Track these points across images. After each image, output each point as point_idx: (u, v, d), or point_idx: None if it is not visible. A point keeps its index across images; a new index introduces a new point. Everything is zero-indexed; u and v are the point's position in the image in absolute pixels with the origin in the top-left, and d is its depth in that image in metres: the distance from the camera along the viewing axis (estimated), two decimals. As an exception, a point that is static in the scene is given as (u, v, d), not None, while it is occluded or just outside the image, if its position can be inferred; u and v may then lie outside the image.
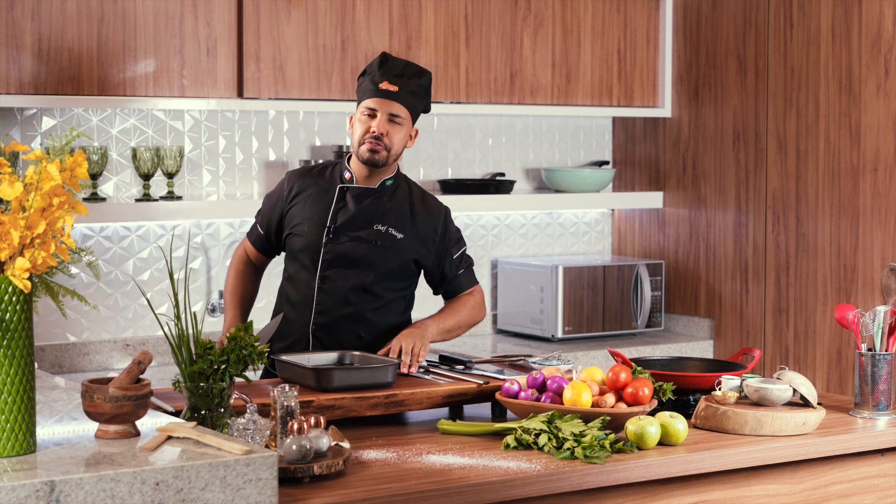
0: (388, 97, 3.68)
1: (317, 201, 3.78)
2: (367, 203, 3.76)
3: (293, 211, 3.80)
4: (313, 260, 3.74)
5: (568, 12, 5.35)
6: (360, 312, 3.74)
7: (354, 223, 3.74)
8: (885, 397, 3.38)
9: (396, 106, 3.69)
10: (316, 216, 3.76)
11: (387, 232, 3.74)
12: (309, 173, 3.85)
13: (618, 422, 3.07)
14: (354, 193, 3.76)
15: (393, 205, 3.77)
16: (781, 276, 5.20)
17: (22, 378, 2.39)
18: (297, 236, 3.78)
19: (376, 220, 3.75)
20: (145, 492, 2.29)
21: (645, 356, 4.06)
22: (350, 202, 3.76)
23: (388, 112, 3.68)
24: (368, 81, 3.72)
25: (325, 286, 3.73)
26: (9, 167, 2.38)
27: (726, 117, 5.38)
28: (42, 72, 4.32)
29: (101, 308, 4.71)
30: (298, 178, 3.85)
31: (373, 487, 2.65)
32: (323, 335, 3.74)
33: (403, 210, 3.78)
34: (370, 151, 3.68)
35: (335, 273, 3.73)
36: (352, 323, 3.74)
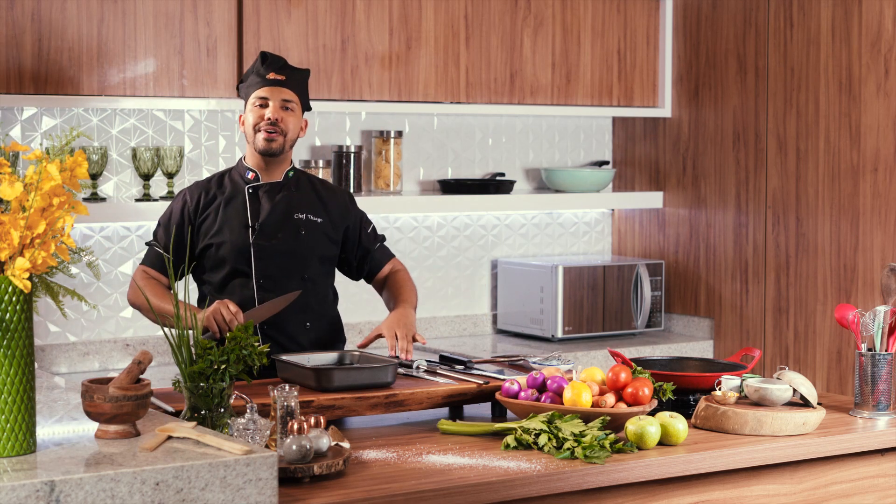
0: (278, 84, 3.74)
1: (229, 206, 3.78)
2: (280, 196, 3.79)
3: (207, 222, 3.78)
4: (245, 262, 3.74)
5: (568, 12, 5.35)
6: (305, 302, 3.75)
7: (275, 217, 3.77)
8: (885, 397, 3.38)
9: (287, 92, 3.74)
10: (234, 219, 3.76)
11: (307, 219, 3.78)
12: (208, 184, 3.84)
13: (618, 422, 3.07)
14: (264, 189, 3.79)
15: (302, 193, 3.82)
16: (781, 276, 5.20)
17: (22, 378, 2.39)
18: (221, 244, 3.75)
19: (293, 209, 3.79)
20: (145, 492, 2.29)
21: (645, 356, 4.06)
22: (263, 199, 3.79)
23: (280, 98, 3.73)
24: (254, 76, 3.77)
25: (266, 283, 3.73)
26: (9, 167, 2.38)
27: (726, 117, 5.38)
28: (42, 72, 4.32)
29: (101, 308, 4.71)
30: (198, 190, 3.82)
31: (373, 487, 2.65)
32: (274, 332, 3.73)
33: (311, 196, 3.83)
34: (266, 140, 3.72)
35: (273, 269, 3.74)
36: (298, 314, 3.75)
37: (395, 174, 5.14)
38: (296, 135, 3.77)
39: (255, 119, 3.73)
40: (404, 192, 5.26)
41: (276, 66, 3.76)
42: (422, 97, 5.02)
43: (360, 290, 5.21)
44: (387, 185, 5.14)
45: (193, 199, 3.80)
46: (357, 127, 5.21)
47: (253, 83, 3.76)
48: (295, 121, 3.76)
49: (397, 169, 5.15)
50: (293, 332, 3.75)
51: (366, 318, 5.20)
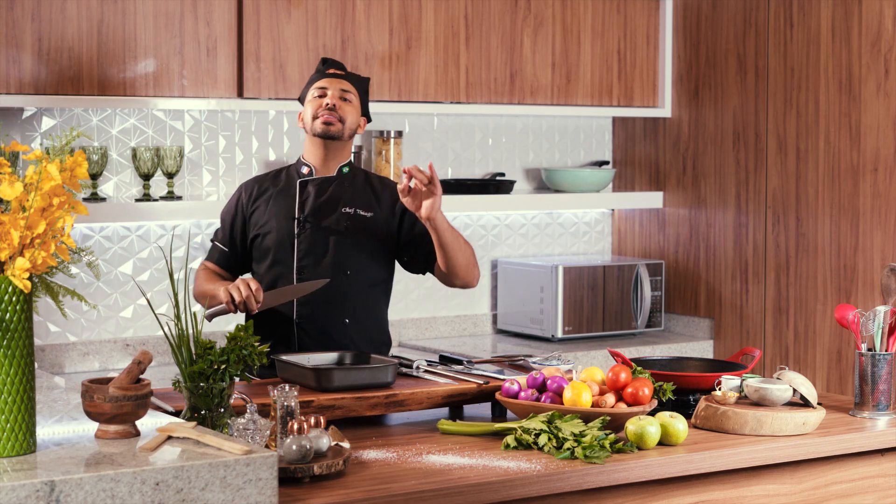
0: (337, 77, 3.80)
1: (279, 199, 3.83)
2: (330, 190, 3.81)
3: (256, 214, 3.84)
4: (287, 253, 3.77)
5: (568, 12, 5.35)
6: (342, 296, 3.75)
7: (322, 210, 3.79)
8: (885, 397, 3.38)
9: (345, 83, 3.80)
10: (282, 211, 3.80)
11: (355, 213, 3.79)
12: (265, 178, 3.91)
13: (618, 422, 3.07)
14: (315, 183, 3.82)
15: (354, 188, 3.83)
16: (781, 276, 5.20)
17: (22, 378, 2.39)
18: (267, 234, 3.80)
19: (342, 203, 3.80)
20: (145, 492, 2.29)
21: (645, 356, 4.06)
22: (313, 192, 3.81)
23: (339, 88, 3.78)
24: (314, 75, 3.85)
25: (304, 276, 3.75)
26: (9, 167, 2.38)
27: (726, 117, 5.38)
28: (42, 72, 4.32)
29: (101, 308, 4.71)
30: (254, 183, 3.90)
31: (373, 487, 2.65)
32: (308, 326, 3.75)
33: (365, 191, 3.84)
34: (325, 123, 3.75)
35: (312, 261, 3.76)
36: (335, 308, 3.75)
37: (395, 174, 5.14)
38: (355, 126, 3.80)
39: (314, 107, 3.77)
40: (404, 192, 5.26)
41: (336, 65, 3.84)
42: (422, 97, 5.02)
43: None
44: (387, 185, 5.14)
45: (248, 192, 3.88)
46: (357, 127, 5.21)
47: (312, 80, 3.83)
48: (353, 111, 3.79)
49: (397, 169, 5.15)
50: (330, 328, 3.75)
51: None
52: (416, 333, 5.34)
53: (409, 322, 5.31)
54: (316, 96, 3.78)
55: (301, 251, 3.76)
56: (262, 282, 3.79)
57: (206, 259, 3.93)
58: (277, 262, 3.78)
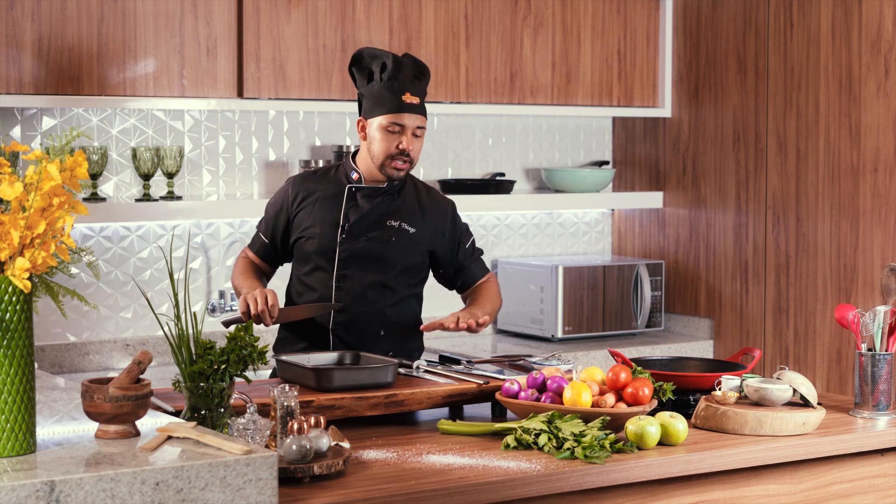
0: (414, 111, 3.68)
1: (326, 203, 3.79)
2: (378, 201, 3.77)
3: (301, 215, 3.80)
4: (329, 260, 3.75)
5: (568, 12, 5.35)
6: (380, 309, 3.76)
7: (367, 221, 3.76)
8: (885, 397, 3.38)
9: (420, 119, 3.70)
10: (328, 217, 3.77)
11: (400, 227, 3.77)
12: (312, 177, 3.85)
13: (618, 422, 3.07)
14: (364, 193, 3.78)
15: (403, 201, 3.80)
16: (781, 276, 5.20)
17: (22, 378, 2.39)
18: (310, 239, 3.78)
19: (388, 216, 3.77)
20: (145, 492, 2.29)
21: (645, 356, 4.06)
22: (361, 201, 3.78)
23: (416, 125, 3.69)
24: (387, 91, 3.67)
25: (344, 284, 3.74)
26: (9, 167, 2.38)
27: (726, 117, 5.38)
28: (42, 72, 4.32)
29: (101, 308, 4.71)
30: (302, 182, 3.85)
31: (373, 487, 2.65)
32: (344, 333, 3.75)
33: (413, 205, 3.81)
34: (396, 170, 3.71)
35: (352, 272, 3.74)
36: (372, 319, 3.75)
37: (395, 174, 5.14)
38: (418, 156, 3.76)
39: (387, 145, 3.67)
40: (404, 192, 5.26)
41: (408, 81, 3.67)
42: (422, 97, 5.02)
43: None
44: (387, 185, 5.14)
45: (295, 190, 3.83)
46: (357, 127, 5.20)
47: (387, 99, 3.67)
48: (421, 144, 3.74)
49: (397, 169, 5.15)
50: (365, 339, 3.74)
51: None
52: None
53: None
54: (391, 130, 3.67)
55: (342, 261, 3.74)
56: (303, 283, 3.80)
57: (249, 246, 3.91)
58: (318, 268, 3.77)
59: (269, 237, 3.86)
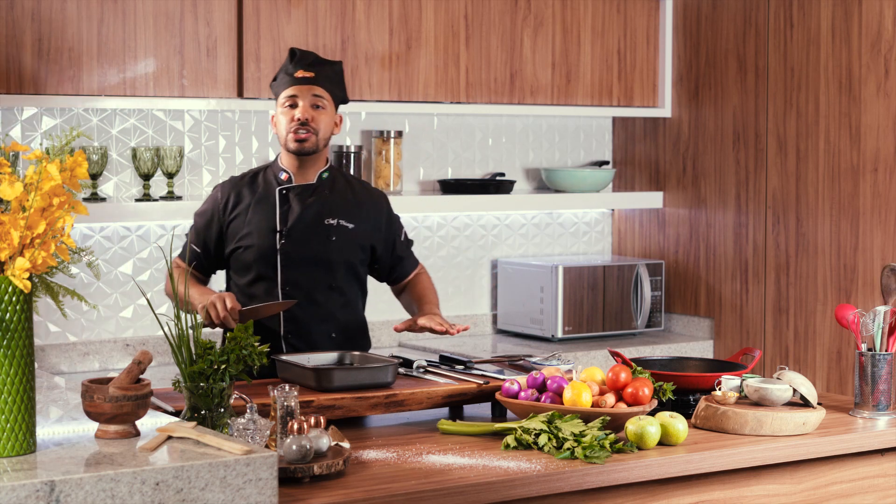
0: (307, 83, 3.69)
1: (258, 208, 3.73)
2: (312, 199, 3.73)
3: (235, 223, 3.74)
4: (271, 266, 3.70)
5: (568, 12, 5.35)
6: (330, 311, 3.73)
7: (304, 222, 3.71)
8: (885, 397, 3.38)
9: (316, 89, 3.69)
10: (263, 223, 3.71)
11: (338, 225, 3.73)
12: (241, 182, 3.80)
13: (618, 422, 3.07)
14: (296, 192, 3.74)
15: (336, 196, 3.76)
16: (781, 276, 5.20)
17: (22, 378, 2.39)
18: (248, 247, 3.72)
19: (325, 214, 3.72)
20: (145, 492, 2.29)
21: (645, 356, 4.06)
22: (294, 202, 3.73)
23: (310, 95, 3.68)
24: (283, 74, 3.72)
25: (291, 291, 3.70)
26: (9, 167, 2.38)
27: (726, 117, 5.38)
28: (42, 72, 4.32)
29: (101, 308, 4.71)
30: (231, 188, 3.79)
31: (373, 487, 2.65)
32: (295, 340, 3.71)
33: (347, 199, 3.77)
34: (297, 141, 3.67)
35: (298, 275, 3.70)
36: (323, 323, 3.72)
37: (395, 174, 5.14)
38: (329, 132, 3.72)
39: (286, 121, 3.68)
40: (404, 192, 5.26)
41: (305, 62, 3.71)
42: (422, 97, 5.02)
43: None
44: (387, 185, 5.14)
45: (224, 196, 3.78)
46: (357, 127, 5.21)
47: (282, 82, 3.72)
48: (327, 118, 3.70)
49: (397, 169, 5.15)
50: (317, 342, 3.71)
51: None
52: (415, 334, 5.33)
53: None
54: (287, 106, 3.68)
55: (285, 267, 3.70)
56: (245, 294, 3.73)
57: (179, 256, 3.84)
58: (261, 277, 3.71)
59: (202, 247, 3.78)
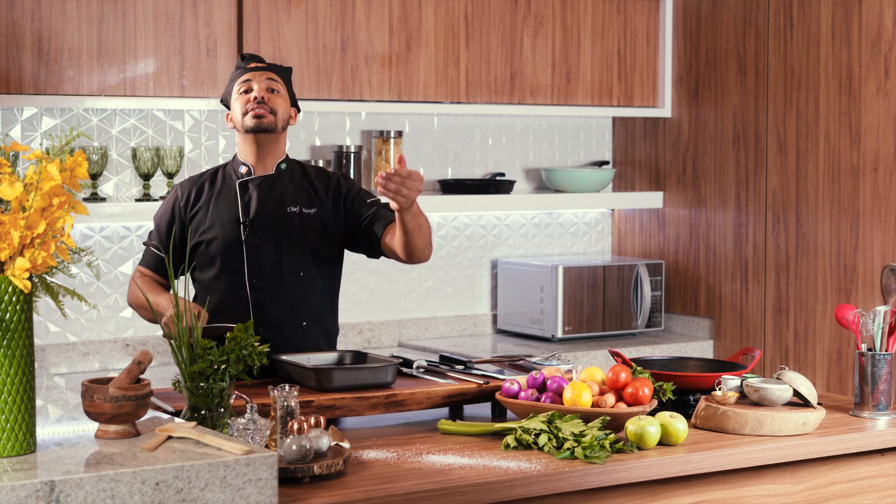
0: (260, 69, 3.69)
1: (220, 202, 3.70)
2: (272, 189, 3.70)
3: (197, 218, 3.71)
4: (237, 258, 3.66)
5: (568, 12, 5.35)
6: (300, 300, 3.68)
7: (266, 211, 3.68)
8: (885, 397, 3.38)
9: (270, 74, 3.69)
10: (225, 215, 3.68)
11: (300, 212, 3.69)
12: (200, 179, 3.77)
13: (618, 422, 3.07)
14: (256, 183, 3.70)
15: (295, 184, 3.73)
16: (781, 276, 5.20)
17: (22, 378, 2.39)
18: (212, 241, 3.68)
19: (286, 202, 3.69)
20: (145, 492, 2.29)
21: (645, 356, 4.05)
22: (254, 192, 3.70)
23: (265, 78, 3.67)
24: (235, 72, 3.73)
25: (259, 283, 3.66)
26: (9, 167, 2.38)
27: (726, 117, 5.38)
28: (42, 72, 4.32)
29: (101, 308, 4.71)
30: (190, 185, 3.76)
31: (373, 487, 2.65)
32: (266, 332, 3.61)
33: (305, 187, 3.73)
34: (256, 117, 3.63)
35: (265, 266, 3.66)
36: (293, 313, 3.67)
37: (395, 174, 5.14)
38: (286, 117, 3.68)
39: (242, 104, 3.65)
40: (404, 192, 5.25)
41: (257, 59, 3.73)
42: (422, 97, 5.02)
43: (359, 290, 5.22)
44: (387, 185, 5.13)
45: (184, 194, 3.74)
46: (357, 127, 5.21)
47: (234, 77, 3.72)
48: (283, 102, 3.67)
49: (397, 169, 5.14)
50: (290, 334, 3.66)
51: (365, 318, 5.21)
52: (416, 333, 5.34)
53: (409, 322, 5.31)
54: (242, 91, 3.66)
55: (251, 257, 3.65)
56: (208, 289, 3.68)
57: (141, 264, 3.78)
58: (226, 269, 3.66)
59: (165, 249, 3.72)
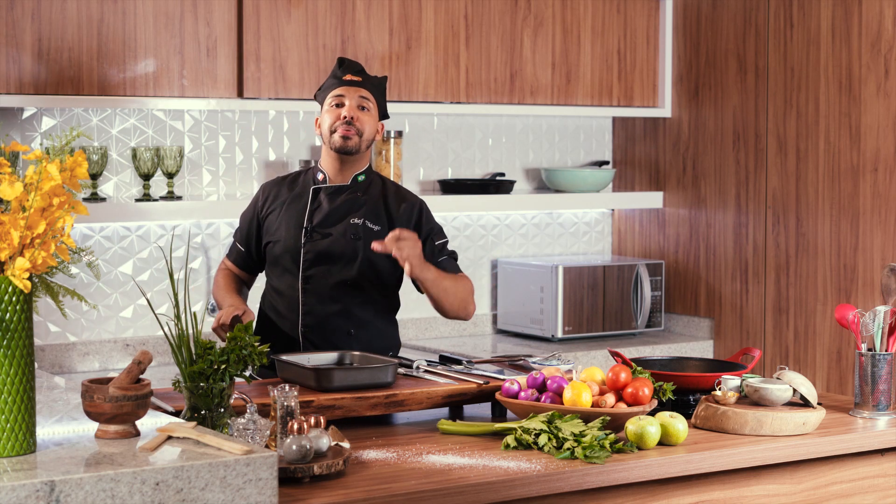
0: (354, 85, 3.75)
1: (292, 206, 3.81)
2: (341, 199, 3.78)
3: (270, 219, 3.83)
4: (295, 262, 3.76)
5: (568, 12, 5.35)
6: (347, 308, 3.74)
7: (330, 220, 3.76)
8: (885, 397, 3.38)
9: (363, 91, 3.75)
10: (293, 219, 3.79)
11: (363, 225, 3.75)
12: (283, 182, 3.89)
13: (618, 422, 3.07)
14: (328, 192, 3.79)
15: (368, 198, 3.80)
16: (781, 276, 5.20)
17: (22, 378, 2.39)
18: (277, 241, 3.80)
19: (351, 214, 3.76)
20: (145, 492, 2.29)
21: (645, 356, 4.05)
22: (324, 201, 3.79)
23: (357, 96, 3.74)
24: (330, 79, 3.80)
25: (309, 286, 3.74)
26: (9, 167, 2.38)
27: (726, 117, 5.38)
28: (42, 72, 4.32)
29: (101, 308, 4.71)
30: (272, 187, 3.89)
31: (373, 487, 2.65)
32: (313, 336, 3.74)
33: (378, 202, 3.80)
34: (343, 138, 3.71)
35: (318, 271, 3.74)
36: (340, 319, 3.74)
37: (395, 174, 5.14)
38: (372, 135, 3.76)
39: (332, 119, 3.73)
40: (404, 192, 5.26)
41: (353, 69, 3.78)
42: (422, 97, 5.02)
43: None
44: (387, 185, 5.14)
45: (265, 195, 3.87)
46: (357, 127, 5.20)
47: (329, 85, 3.78)
48: (371, 121, 3.75)
49: (397, 169, 5.15)
50: (335, 338, 3.73)
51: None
52: (416, 333, 5.34)
53: (409, 322, 5.31)
54: (333, 105, 3.74)
55: (306, 262, 3.75)
56: (272, 288, 3.83)
57: (227, 256, 3.95)
58: (286, 271, 3.79)
59: (245, 245, 3.89)
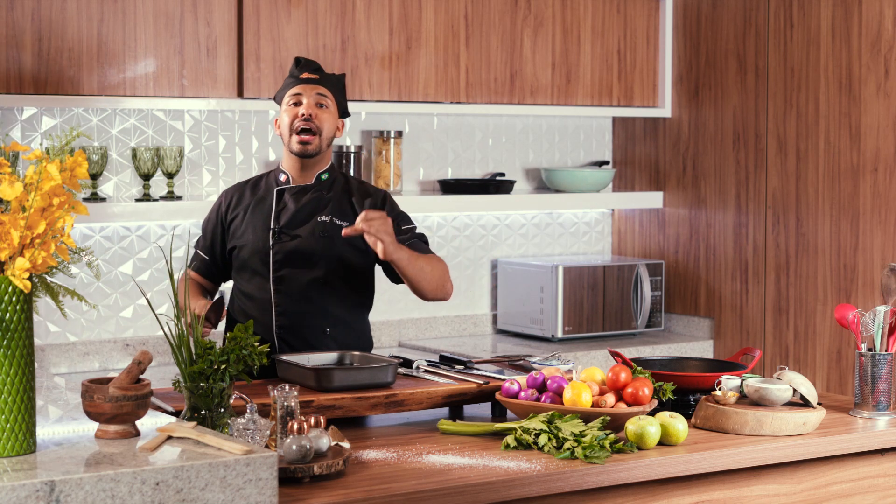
0: (311, 82, 3.74)
1: (256, 209, 3.79)
2: (307, 198, 3.77)
3: (235, 223, 3.81)
4: (264, 263, 3.74)
5: (568, 12, 5.35)
6: (323, 307, 3.73)
7: (297, 219, 3.75)
8: (885, 397, 3.38)
9: (321, 88, 3.74)
10: (259, 222, 3.77)
11: (330, 222, 3.75)
12: (244, 186, 3.87)
13: (618, 422, 3.07)
14: (293, 192, 3.78)
15: (333, 196, 3.79)
16: (781, 276, 5.20)
17: (22, 378, 2.39)
18: (243, 246, 3.77)
19: (318, 212, 3.76)
20: (145, 492, 2.29)
21: (645, 356, 4.06)
22: (290, 201, 3.77)
23: (315, 93, 3.72)
24: (288, 79, 3.79)
25: (282, 287, 3.73)
26: (9, 167, 2.38)
27: (726, 117, 5.38)
28: (42, 72, 4.32)
29: (101, 308, 4.71)
30: (233, 192, 3.87)
31: (373, 487, 2.65)
32: (289, 336, 3.72)
33: (343, 199, 3.79)
34: (301, 143, 3.70)
35: (289, 272, 3.73)
36: (316, 319, 3.73)
37: (395, 174, 5.14)
38: (332, 134, 3.75)
39: (290, 118, 3.72)
40: (404, 193, 5.26)
41: (310, 67, 3.77)
42: (422, 97, 5.02)
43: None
44: (387, 185, 5.14)
45: (227, 199, 3.85)
46: (357, 127, 5.21)
47: (287, 84, 3.77)
48: (330, 118, 3.74)
49: (397, 169, 5.15)
50: (311, 338, 3.72)
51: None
52: (416, 333, 5.34)
53: (409, 322, 5.31)
54: (291, 104, 3.73)
55: (276, 263, 3.73)
56: (242, 293, 3.79)
57: (189, 266, 3.88)
58: (255, 273, 3.76)
59: (209, 253, 3.86)
